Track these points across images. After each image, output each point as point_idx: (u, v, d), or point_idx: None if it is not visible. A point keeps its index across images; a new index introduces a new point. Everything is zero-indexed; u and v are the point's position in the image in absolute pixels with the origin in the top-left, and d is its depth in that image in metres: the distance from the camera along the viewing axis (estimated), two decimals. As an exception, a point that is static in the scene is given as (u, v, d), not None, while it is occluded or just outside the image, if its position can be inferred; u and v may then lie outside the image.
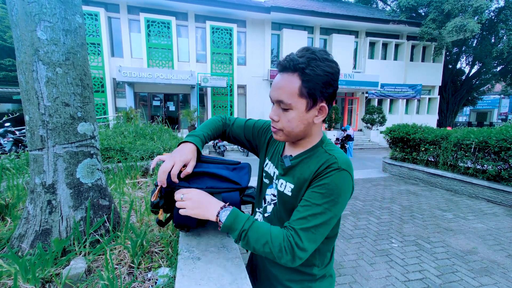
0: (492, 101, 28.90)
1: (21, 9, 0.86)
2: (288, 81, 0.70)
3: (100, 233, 1.02)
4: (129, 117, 5.31)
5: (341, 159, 0.72)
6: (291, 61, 0.69)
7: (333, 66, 0.70)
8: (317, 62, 0.68)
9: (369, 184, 5.94)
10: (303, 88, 0.69)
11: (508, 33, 14.94)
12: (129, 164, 2.08)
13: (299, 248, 0.67)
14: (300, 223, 0.69)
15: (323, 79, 0.69)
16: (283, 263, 0.68)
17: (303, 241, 0.67)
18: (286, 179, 0.81)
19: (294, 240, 0.67)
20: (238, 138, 1.02)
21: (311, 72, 0.68)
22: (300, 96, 0.70)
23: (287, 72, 0.71)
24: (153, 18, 12.19)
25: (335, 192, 0.69)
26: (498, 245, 3.05)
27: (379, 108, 14.85)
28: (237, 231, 0.71)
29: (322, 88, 0.70)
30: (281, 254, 0.67)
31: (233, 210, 0.73)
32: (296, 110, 0.72)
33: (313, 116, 0.74)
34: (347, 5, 17.80)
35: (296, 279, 0.85)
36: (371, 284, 2.33)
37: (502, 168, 4.60)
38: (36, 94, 0.90)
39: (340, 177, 0.69)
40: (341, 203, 0.70)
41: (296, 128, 0.75)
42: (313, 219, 0.68)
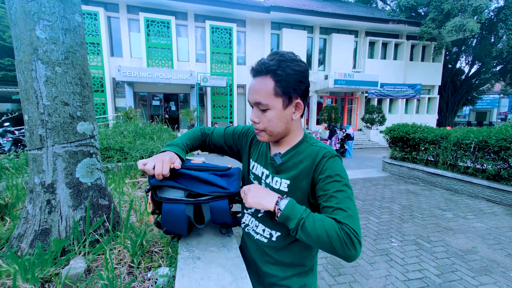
0: (491, 100, 28.91)
1: (20, 8, 0.86)
2: (262, 83, 0.76)
3: (99, 232, 1.02)
4: (129, 117, 5.30)
5: (329, 148, 0.80)
6: (262, 64, 0.75)
7: (302, 65, 0.76)
8: (287, 63, 0.74)
9: (369, 183, 5.94)
10: (277, 87, 0.75)
11: (507, 32, 14.93)
12: (128, 164, 2.08)
13: (356, 238, 0.66)
14: (340, 215, 0.69)
15: (294, 77, 0.75)
16: (350, 253, 0.66)
17: (355, 229, 0.67)
18: (280, 176, 0.84)
19: (350, 232, 0.66)
20: (219, 145, 1.05)
21: (282, 73, 0.74)
22: (276, 95, 0.76)
23: (261, 75, 0.76)
24: (152, 17, 12.17)
25: (341, 173, 0.75)
26: (498, 245, 3.06)
27: (379, 108, 14.85)
28: (295, 219, 0.72)
29: (295, 85, 0.76)
30: (342, 246, 0.66)
31: (291, 200, 0.75)
32: (274, 109, 0.77)
33: (290, 113, 0.79)
34: (346, 5, 17.79)
35: (288, 275, 0.88)
36: (371, 283, 2.33)
37: (501, 168, 4.60)
38: (35, 94, 0.90)
39: (337, 162, 0.77)
40: (349, 184, 0.77)
41: (277, 127, 0.80)
42: (343, 205, 0.70)
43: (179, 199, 0.86)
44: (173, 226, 0.86)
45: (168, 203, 0.84)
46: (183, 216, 0.84)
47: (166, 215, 0.84)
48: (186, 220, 0.85)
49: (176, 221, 0.85)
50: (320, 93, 15.61)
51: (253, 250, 0.94)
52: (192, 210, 0.85)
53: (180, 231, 0.89)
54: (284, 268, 0.88)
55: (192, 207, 0.86)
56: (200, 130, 1.07)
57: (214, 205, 0.87)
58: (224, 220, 0.92)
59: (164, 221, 0.85)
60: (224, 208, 0.88)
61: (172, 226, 0.86)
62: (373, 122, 14.63)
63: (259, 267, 0.92)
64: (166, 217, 0.84)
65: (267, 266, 0.90)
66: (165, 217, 0.85)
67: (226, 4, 12.62)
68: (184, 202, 0.85)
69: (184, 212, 0.84)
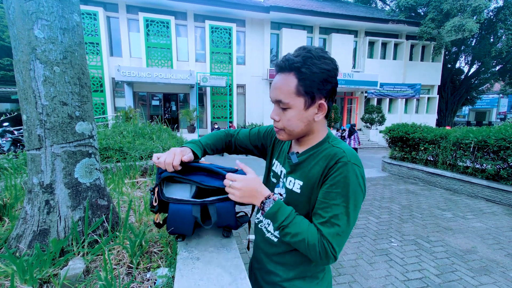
0: (491, 100, 28.95)
1: (18, 8, 0.85)
2: (285, 80, 0.72)
3: (98, 233, 1.01)
4: (128, 117, 5.29)
5: (349, 152, 0.72)
6: (286, 61, 0.71)
7: (330, 63, 0.71)
8: (313, 60, 0.69)
9: (369, 183, 5.94)
10: (299, 86, 0.70)
11: (507, 32, 14.95)
12: (128, 164, 2.07)
13: (333, 254, 0.70)
14: (327, 228, 0.70)
15: (319, 76, 0.69)
16: (320, 262, 0.72)
17: (335, 247, 0.69)
18: (294, 177, 0.81)
19: (328, 248, 0.69)
20: (245, 146, 1.05)
21: (307, 71, 0.69)
22: (298, 94, 0.71)
23: (284, 72, 0.72)
24: (152, 17, 12.16)
25: (350, 187, 0.69)
26: (497, 244, 3.06)
27: (378, 108, 14.86)
28: (276, 224, 0.74)
29: (319, 85, 0.70)
30: (316, 256, 0.70)
31: (275, 203, 0.74)
32: (294, 109, 0.73)
33: (313, 114, 0.75)
34: (346, 5, 17.79)
35: (290, 277, 0.85)
36: (370, 283, 2.33)
37: (501, 167, 4.61)
38: (34, 93, 0.89)
39: (351, 171, 0.69)
40: (358, 197, 0.71)
41: (297, 127, 0.76)
42: (336, 221, 0.69)
43: (186, 200, 0.86)
44: (179, 226, 0.86)
45: (175, 203, 0.85)
46: (190, 216, 0.85)
47: (173, 215, 0.85)
48: (193, 221, 0.86)
49: (183, 222, 0.85)
50: (320, 93, 15.59)
51: (263, 246, 0.93)
52: (199, 211, 0.86)
53: (185, 231, 0.89)
54: (287, 269, 0.86)
55: (199, 208, 0.86)
56: (224, 132, 1.07)
57: (220, 206, 0.87)
58: (228, 222, 0.92)
59: (170, 221, 0.85)
60: (230, 209, 0.88)
61: (178, 226, 0.86)
62: (373, 122, 14.64)
63: (265, 264, 0.91)
64: (173, 218, 0.85)
65: (271, 264, 0.89)
66: (172, 218, 0.85)
67: (226, 4, 12.61)
68: (191, 203, 0.85)
69: (191, 213, 0.85)
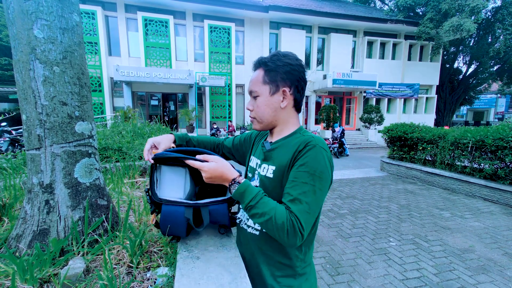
0: (488, 100, 29.06)
1: (18, 7, 0.85)
2: (256, 74, 0.87)
3: (98, 233, 1.01)
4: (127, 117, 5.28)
5: (317, 138, 0.79)
6: (257, 59, 0.88)
7: (293, 60, 0.84)
8: (278, 56, 0.84)
9: (367, 183, 5.96)
10: (265, 76, 0.84)
11: (504, 32, 15.02)
12: (127, 164, 2.07)
13: (300, 232, 0.71)
14: (295, 205, 0.73)
15: (282, 68, 0.82)
16: (288, 242, 0.73)
17: (303, 224, 0.72)
18: (267, 163, 0.87)
19: (296, 224, 0.71)
20: (228, 150, 1.14)
21: (271, 64, 0.83)
22: (264, 83, 0.85)
23: (256, 69, 0.88)
24: (150, 17, 12.12)
25: (318, 167, 0.74)
26: (495, 243, 3.08)
27: (377, 108, 14.89)
28: (244, 204, 0.78)
29: (282, 75, 0.83)
30: (284, 234, 0.71)
31: (240, 185, 0.78)
32: (262, 96, 0.85)
33: (278, 101, 0.85)
34: (345, 5, 17.81)
35: (276, 275, 0.85)
36: (369, 282, 2.34)
37: (498, 167, 4.63)
38: (33, 93, 0.89)
39: (319, 153, 0.76)
40: (325, 179, 0.75)
41: (265, 113, 0.86)
42: (304, 198, 0.73)
43: (179, 201, 0.86)
44: (172, 227, 0.86)
45: (168, 205, 0.85)
46: (182, 218, 0.85)
47: (166, 216, 0.85)
48: (185, 222, 0.86)
49: (175, 223, 0.85)
50: (319, 92, 15.63)
51: (245, 244, 0.93)
52: (191, 213, 0.86)
53: (179, 233, 0.90)
54: (272, 266, 0.86)
55: (191, 210, 0.86)
56: (217, 138, 1.20)
57: (213, 209, 0.88)
58: (223, 223, 0.93)
59: (163, 222, 0.85)
60: (223, 212, 0.89)
61: (171, 227, 0.86)
62: (371, 122, 14.67)
63: (249, 261, 0.91)
64: (165, 219, 0.85)
65: (256, 261, 0.89)
66: (165, 219, 0.85)
67: (225, 3, 12.59)
68: (184, 205, 0.86)
69: (184, 215, 0.85)
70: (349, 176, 6.62)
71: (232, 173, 0.81)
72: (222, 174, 0.80)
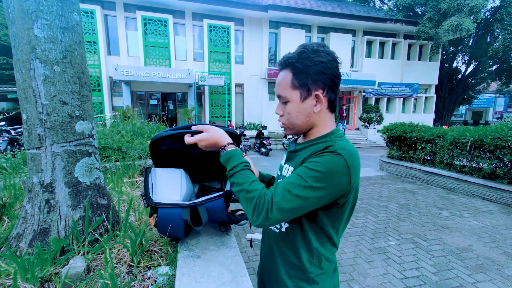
0: (487, 100, 29.12)
1: (18, 7, 0.85)
2: (283, 76, 0.78)
3: (99, 232, 1.02)
4: (126, 116, 5.28)
5: (340, 145, 0.72)
6: (284, 58, 0.77)
7: (325, 55, 0.74)
8: (307, 54, 0.73)
9: (367, 182, 5.97)
10: (294, 80, 0.75)
11: (503, 32, 15.04)
12: (127, 163, 2.07)
13: (267, 212, 0.67)
14: (280, 186, 0.69)
15: (313, 69, 0.73)
16: (252, 218, 0.69)
17: (273, 207, 0.67)
18: (289, 164, 0.84)
19: (267, 203, 0.68)
20: None
21: (300, 65, 0.74)
22: (293, 88, 0.76)
23: (283, 69, 0.78)
24: (150, 16, 12.09)
25: (323, 171, 0.67)
26: (493, 243, 3.09)
27: (376, 107, 14.90)
28: (226, 171, 0.79)
29: (314, 77, 0.74)
30: (251, 209, 0.69)
31: (226, 152, 0.80)
32: (292, 102, 0.77)
33: (311, 106, 0.77)
34: (344, 4, 17.80)
35: (292, 275, 0.82)
36: (368, 281, 2.35)
37: (497, 166, 4.65)
38: (34, 93, 0.89)
39: (333, 159, 0.68)
40: (327, 187, 0.67)
41: (297, 119, 0.78)
42: (292, 188, 0.68)
43: (175, 203, 0.86)
44: (170, 230, 0.86)
45: (164, 208, 0.84)
46: (179, 220, 0.84)
47: (163, 220, 0.84)
48: (183, 224, 0.85)
49: (173, 225, 0.85)
50: (318, 92, 15.60)
51: (266, 240, 0.92)
52: (188, 213, 0.85)
53: (177, 235, 0.89)
54: (287, 265, 0.84)
55: (188, 210, 0.85)
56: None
57: (210, 206, 0.87)
58: (222, 219, 0.92)
59: (160, 225, 0.84)
60: (221, 208, 0.88)
61: (169, 230, 0.86)
62: (371, 121, 14.68)
63: (266, 256, 0.90)
64: (163, 222, 0.84)
65: (272, 257, 0.87)
66: (162, 222, 0.84)
67: (224, 2, 12.57)
68: (180, 206, 0.85)
69: (181, 216, 0.84)
70: (348, 175, 6.63)
71: (222, 141, 0.84)
72: (214, 142, 0.84)
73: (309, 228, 0.78)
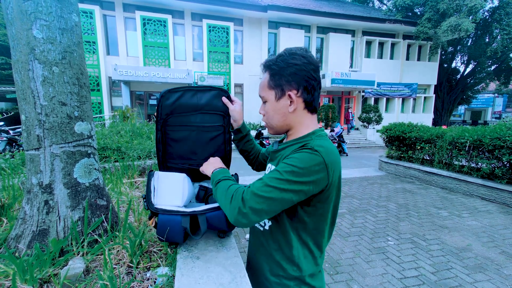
0: (486, 100, 29.21)
1: (17, 8, 0.85)
2: (263, 78, 0.85)
3: (98, 233, 1.01)
4: (126, 116, 5.27)
5: (318, 143, 0.73)
6: (264, 61, 0.84)
7: (300, 58, 0.77)
8: (284, 57, 0.79)
9: (366, 182, 5.98)
10: (270, 80, 0.81)
11: (502, 32, 15.09)
12: (126, 164, 2.07)
13: (242, 201, 0.69)
14: (259, 180, 0.72)
15: (288, 70, 0.78)
16: (229, 216, 0.71)
17: (248, 198, 0.68)
18: (272, 163, 0.88)
19: (242, 195, 0.70)
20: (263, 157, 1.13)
21: (276, 67, 0.79)
22: (269, 88, 0.82)
23: (264, 71, 0.85)
24: (149, 16, 12.08)
25: (300, 166, 0.68)
26: (492, 242, 3.10)
27: (376, 107, 14.93)
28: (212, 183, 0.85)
29: (288, 78, 0.78)
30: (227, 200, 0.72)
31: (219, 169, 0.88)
32: (269, 102, 0.83)
33: (286, 106, 0.80)
34: (343, 4, 17.83)
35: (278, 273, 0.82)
36: (367, 281, 2.36)
37: (496, 166, 4.66)
38: (32, 94, 0.89)
39: (310, 155, 0.69)
40: (303, 182, 0.68)
41: (274, 118, 0.84)
42: (268, 181, 0.69)
43: (176, 211, 0.86)
44: (169, 235, 0.86)
45: (164, 214, 0.84)
46: (179, 227, 0.84)
47: (162, 226, 0.84)
48: (182, 231, 0.85)
49: (172, 232, 0.85)
50: (317, 92, 15.63)
51: (252, 243, 0.93)
52: (188, 222, 0.85)
53: (176, 240, 0.89)
54: (271, 262, 0.84)
55: (188, 219, 0.85)
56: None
57: (210, 216, 0.87)
58: (221, 227, 0.92)
59: (160, 231, 0.84)
60: (221, 218, 0.89)
61: (168, 235, 0.85)
62: (370, 121, 14.71)
63: (252, 254, 0.91)
64: (162, 228, 0.84)
65: (258, 255, 0.88)
66: (161, 228, 0.84)
67: (224, 3, 12.57)
68: (180, 214, 0.85)
69: (181, 224, 0.84)
70: (347, 175, 6.64)
71: (211, 169, 0.91)
72: (207, 169, 0.94)
73: (290, 227, 0.78)
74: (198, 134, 1.05)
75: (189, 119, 1.03)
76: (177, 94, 1.01)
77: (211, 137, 1.07)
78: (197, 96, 1.03)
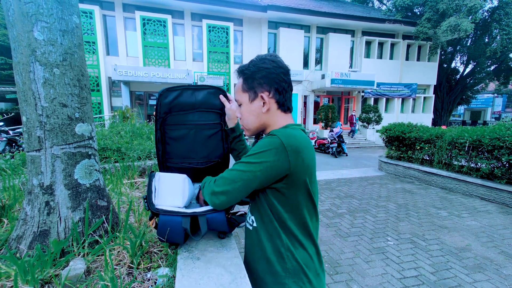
0: (485, 100, 29.24)
1: (18, 10, 0.85)
2: (237, 83, 0.90)
3: (99, 233, 1.02)
4: (125, 117, 5.27)
5: (280, 130, 0.79)
6: (238, 67, 0.89)
7: (270, 63, 0.83)
8: (255, 62, 0.85)
9: (365, 182, 5.99)
10: (244, 84, 0.87)
11: (501, 33, 15.10)
12: (126, 164, 2.07)
13: (214, 188, 0.80)
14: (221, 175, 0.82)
15: (259, 74, 0.83)
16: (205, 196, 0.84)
17: (217, 182, 0.80)
18: None
19: (213, 182, 0.81)
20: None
21: (248, 71, 0.85)
22: (243, 91, 0.87)
23: (239, 77, 0.90)
24: (148, 16, 12.08)
25: (259, 149, 0.75)
26: (491, 242, 3.11)
27: (375, 107, 14.94)
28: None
29: (259, 81, 0.83)
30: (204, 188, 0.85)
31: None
32: (244, 104, 0.88)
33: (259, 107, 0.85)
34: (343, 4, 17.84)
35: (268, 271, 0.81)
36: (367, 281, 2.36)
37: (495, 166, 4.67)
38: (33, 95, 0.90)
39: (268, 140, 0.76)
40: (262, 162, 0.73)
41: (248, 119, 0.88)
42: (234, 166, 0.80)
43: (176, 211, 0.86)
44: (169, 236, 0.86)
45: (165, 215, 0.85)
46: (179, 228, 0.85)
47: (163, 226, 0.84)
48: (183, 232, 0.86)
49: (172, 233, 0.85)
50: (317, 92, 15.66)
51: (247, 243, 0.93)
52: (188, 222, 0.85)
53: (176, 240, 0.89)
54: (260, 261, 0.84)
55: (188, 219, 0.86)
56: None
57: (211, 218, 0.87)
58: (221, 229, 0.92)
59: (160, 232, 0.85)
60: (221, 220, 0.89)
61: (168, 236, 0.86)
62: (370, 121, 14.71)
63: (249, 260, 0.91)
64: (163, 229, 0.85)
65: (251, 254, 0.88)
66: (162, 229, 0.85)
67: (223, 3, 12.57)
68: (181, 215, 0.85)
69: (181, 225, 0.84)
70: (347, 175, 6.65)
71: None
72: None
73: (270, 224, 0.81)
74: (197, 132, 1.06)
75: (187, 117, 1.04)
76: (175, 92, 1.03)
77: (209, 134, 1.07)
78: (195, 94, 1.05)
